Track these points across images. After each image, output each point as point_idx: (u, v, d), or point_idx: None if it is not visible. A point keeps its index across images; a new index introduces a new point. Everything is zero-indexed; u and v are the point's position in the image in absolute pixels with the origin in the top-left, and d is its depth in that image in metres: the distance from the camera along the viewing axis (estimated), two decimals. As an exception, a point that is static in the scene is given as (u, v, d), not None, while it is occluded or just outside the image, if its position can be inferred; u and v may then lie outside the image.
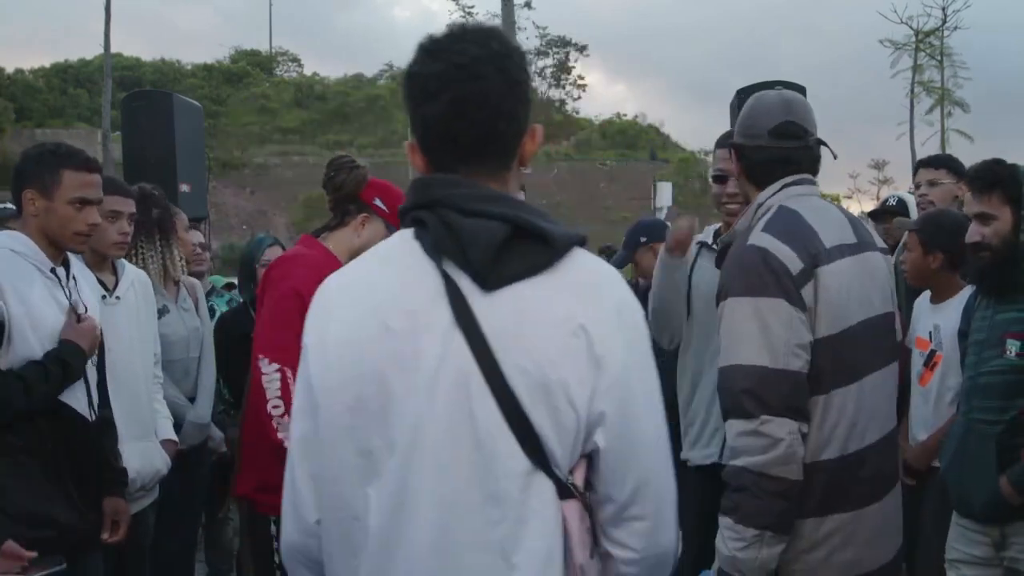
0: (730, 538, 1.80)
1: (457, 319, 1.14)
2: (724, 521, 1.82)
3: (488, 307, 1.14)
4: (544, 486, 1.14)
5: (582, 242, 1.21)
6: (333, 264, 2.30)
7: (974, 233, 2.45)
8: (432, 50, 1.19)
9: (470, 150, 1.20)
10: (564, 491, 1.15)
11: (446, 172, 1.21)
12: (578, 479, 1.17)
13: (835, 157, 2.08)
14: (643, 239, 3.65)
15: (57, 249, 2.30)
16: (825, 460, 1.83)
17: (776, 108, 1.97)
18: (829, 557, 1.83)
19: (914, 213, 3.87)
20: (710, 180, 2.75)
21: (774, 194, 1.96)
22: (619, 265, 4.09)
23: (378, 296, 1.20)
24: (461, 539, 1.13)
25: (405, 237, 1.23)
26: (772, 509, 1.76)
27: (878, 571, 1.91)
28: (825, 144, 2.03)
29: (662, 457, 1.21)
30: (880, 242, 2.09)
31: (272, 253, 3.69)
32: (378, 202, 2.49)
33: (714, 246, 2.72)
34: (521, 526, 1.12)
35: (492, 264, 1.14)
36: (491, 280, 1.14)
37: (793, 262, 1.81)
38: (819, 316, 1.82)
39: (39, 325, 2.16)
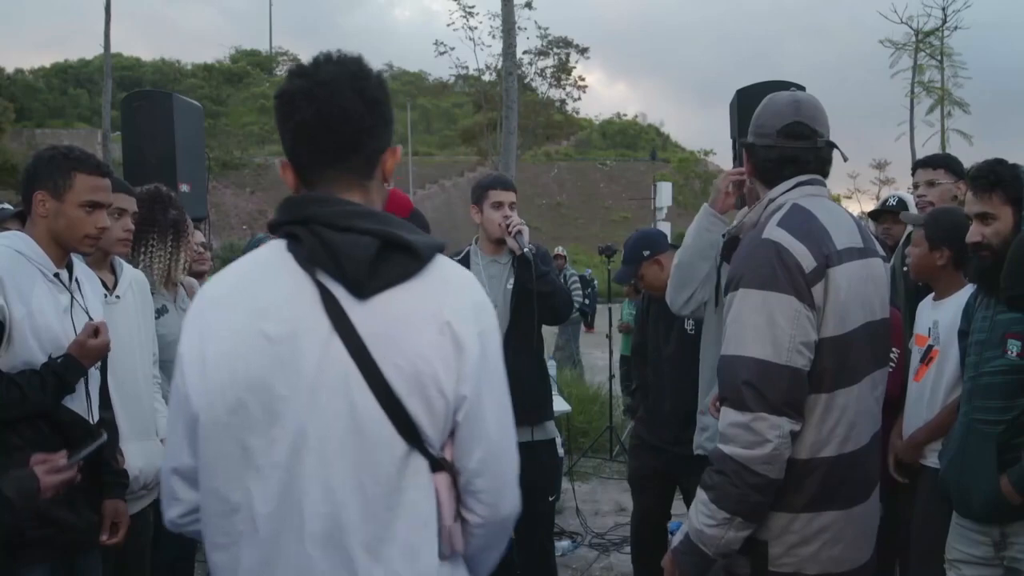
0: (702, 512, 1.85)
1: (335, 325, 1.25)
2: (700, 495, 1.86)
3: (363, 313, 1.26)
4: (420, 463, 1.28)
5: (442, 249, 1.35)
6: None
7: (975, 233, 2.45)
8: (299, 73, 1.33)
9: (334, 156, 1.32)
10: (436, 466, 1.30)
11: (314, 179, 1.34)
12: (448, 455, 1.32)
13: (845, 159, 2.09)
14: (646, 252, 3.54)
15: (63, 251, 2.30)
16: (823, 458, 1.85)
17: (786, 109, 1.99)
18: (818, 552, 1.86)
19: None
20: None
21: (787, 191, 1.97)
22: (623, 280, 3.90)
23: (255, 306, 1.29)
24: (348, 516, 1.25)
25: (278, 249, 1.33)
26: (747, 499, 1.79)
27: (859, 569, 1.94)
28: (836, 146, 2.04)
29: (505, 439, 1.37)
30: (880, 249, 2.10)
31: (271, 253, 3.67)
32: None
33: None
34: (401, 497, 1.27)
35: (367, 275, 1.26)
36: (366, 289, 1.26)
37: (807, 259, 1.82)
38: (827, 316, 1.83)
39: (39, 327, 2.16)
